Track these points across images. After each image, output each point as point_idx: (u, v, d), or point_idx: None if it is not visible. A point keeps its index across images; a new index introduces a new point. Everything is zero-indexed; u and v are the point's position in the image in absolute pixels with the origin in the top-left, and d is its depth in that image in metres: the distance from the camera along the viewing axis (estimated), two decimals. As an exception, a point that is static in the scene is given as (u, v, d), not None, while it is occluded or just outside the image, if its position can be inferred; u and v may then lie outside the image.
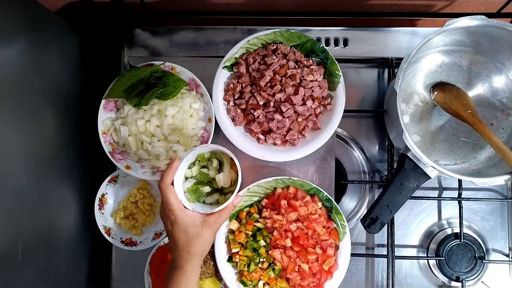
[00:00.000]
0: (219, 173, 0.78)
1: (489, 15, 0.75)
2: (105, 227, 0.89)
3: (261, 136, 0.84)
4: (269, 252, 0.78)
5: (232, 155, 0.75)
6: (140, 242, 0.88)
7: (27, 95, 0.72)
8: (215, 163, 0.80)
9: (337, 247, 0.80)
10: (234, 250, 0.80)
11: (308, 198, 0.80)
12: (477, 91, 0.87)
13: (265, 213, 0.80)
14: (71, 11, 0.94)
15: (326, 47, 0.84)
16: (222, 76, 0.85)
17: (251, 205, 0.82)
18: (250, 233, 0.80)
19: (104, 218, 0.90)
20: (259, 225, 0.80)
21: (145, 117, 0.84)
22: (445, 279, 0.90)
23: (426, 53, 0.86)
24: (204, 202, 0.80)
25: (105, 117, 0.86)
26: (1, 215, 0.64)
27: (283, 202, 0.78)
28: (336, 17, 0.98)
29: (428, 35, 0.75)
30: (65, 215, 0.85)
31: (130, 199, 0.89)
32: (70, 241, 0.86)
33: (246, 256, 0.79)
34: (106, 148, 0.85)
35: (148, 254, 0.87)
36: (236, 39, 0.87)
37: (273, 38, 0.84)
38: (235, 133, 0.83)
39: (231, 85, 0.84)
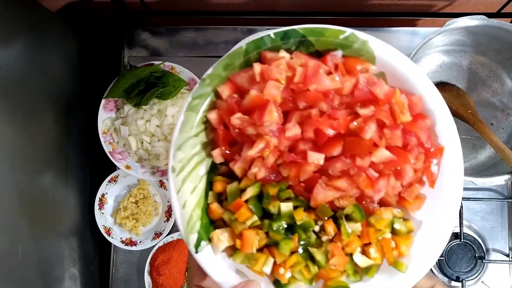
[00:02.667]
0: None
1: (489, 15, 0.75)
2: (105, 227, 0.89)
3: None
4: (312, 204, 0.39)
5: None
6: (140, 242, 0.88)
7: (27, 95, 0.72)
8: None
9: (382, 75, 0.42)
10: (267, 268, 0.39)
11: (258, 68, 0.39)
12: (477, 91, 0.87)
13: (237, 165, 0.40)
14: (71, 11, 0.94)
15: (326, 47, 0.83)
16: (222, 76, 0.84)
17: (210, 184, 0.42)
18: (255, 218, 0.39)
19: (104, 218, 0.90)
20: (251, 191, 0.39)
21: (145, 117, 0.84)
22: (445, 279, 0.90)
23: (426, 53, 0.86)
24: None
25: (105, 117, 0.86)
26: (1, 215, 0.64)
27: (237, 119, 0.39)
28: (336, 17, 0.97)
29: (428, 35, 0.75)
30: (65, 215, 0.85)
31: (130, 199, 0.89)
32: (70, 241, 0.86)
33: (292, 253, 0.39)
34: (106, 148, 0.85)
35: (148, 254, 0.87)
36: (236, 39, 0.87)
37: (273, 38, 0.84)
38: (235, 133, 0.82)
39: (231, 85, 0.84)
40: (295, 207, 0.39)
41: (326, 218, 0.39)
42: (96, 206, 0.89)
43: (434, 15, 0.95)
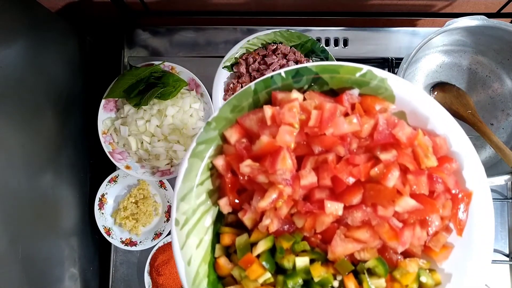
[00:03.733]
0: None
1: (489, 15, 0.75)
2: (105, 227, 0.89)
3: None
4: (330, 257, 0.35)
5: None
6: (140, 242, 0.88)
7: (27, 95, 0.72)
8: None
9: (402, 114, 0.38)
10: None
11: (269, 111, 0.35)
12: (477, 91, 0.87)
13: (247, 215, 0.37)
14: (71, 11, 0.94)
15: (326, 47, 0.84)
16: (222, 76, 0.85)
17: (217, 236, 0.39)
18: (268, 275, 0.35)
19: (104, 218, 0.90)
20: (262, 246, 0.36)
21: (145, 117, 0.84)
22: (445, 279, 0.90)
23: (426, 53, 0.86)
24: None
25: (105, 117, 0.86)
26: (1, 215, 0.64)
27: (246, 167, 0.34)
28: (336, 17, 0.97)
29: (428, 35, 0.75)
30: (65, 215, 0.85)
31: (130, 199, 0.89)
32: (70, 241, 0.86)
33: None
34: (106, 148, 0.85)
35: (148, 254, 0.87)
36: (236, 39, 0.87)
37: (273, 38, 0.84)
38: (235, 133, 0.83)
39: (231, 85, 0.84)
40: (311, 261, 0.34)
41: (346, 273, 0.34)
42: (96, 206, 0.89)
43: (434, 15, 0.95)
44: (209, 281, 0.35)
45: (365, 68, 0.35)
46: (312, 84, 0.36)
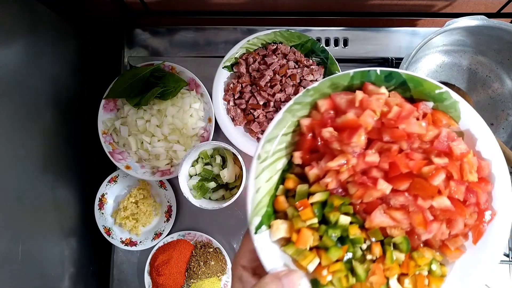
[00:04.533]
0: (223, 169, 0.81)
1: (489, 15, 0.75)
2: (105, 227, 0.89)
3: (261, 136, 0.84)
4: (367, 225, 0.42)
5: (235, 151, 0.76)
6: (140, 242, 0.88)
7: (27, 95, 0.72)
8: (218, 159, 0.82)
9: (462, 134, 0.44)
10: (311, 266, 0.42)
11: (360, 95, 0.42)
12: (477, 91, 0.87)
13: (313, 171, 0.43)
14: (71, 11, 0.94)
15: (326, 47, 0.84)
16: (222, 76, 0.85)
17: (282, 180, 0.46)
18: (315, 220, 0.42)
19: (104, 218, 0.90)
20: (319, 197, 0.43)
21: (145, 117, 0.84)
22: (445, 279, 0.90)
23: (426, 53, 0.86)
24: (210, 198, 0.82)
25: (105, 117, 0.86)
26: (1, 215, 0.64)
27: (328, 133, 0.42)
28: (336, 17, 0.98)
29: (428, 35, 0.75)
30: (65, 215, 0.85)
31: (130, 199, 0.89)
32: (70, 241, 0.86)
33: (337, 260, 0.42)
34: (106, 148, 0.85)
35: (148, 254, 0.87)
36: (236, 39, 0.87)
37: (273, 38, 0.84)
38: (235, 133, 0.83)
39: (231, 85, 0.84)
40: (351, 222, 0.42)
41: (375, 240, 0.42)
42: (96, 206, 0.89)
43: (434, 15, 0.95)
44: (267, 211, 0.43)
45: (444, 88, 0.42)
46: (398, 87, 0.43)
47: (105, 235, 0.88)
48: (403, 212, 0.41)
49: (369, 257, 0.42)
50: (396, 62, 0.91)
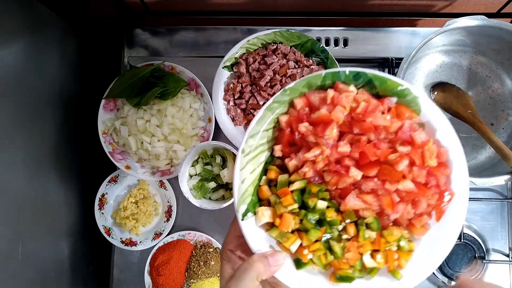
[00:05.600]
0: (223, 169, 0.81)
1: (489, 15, 0.75)
2: (105, 227, 0.89)
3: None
4: (342, 208, 0.48)
5: (235, 151, 0.76)
6: (140, 242, 0.88)
7: (27, 95, 0.72)
8: (218, 159, 0.82)
9: (422, 125, 0.49)
10: (294, 247, 0.48)
11: (331, 93, 0.48)
12: (477, 91, 0.87)
13: (292, 162, 0.49)
14: (71, 11, 0.94)
15: (326, 47, 0.84)
16: (222, 76, 0.85)
17: (265, 171, 0.51)
18: (296, 205, 0.48)
19: (104, 218, 0.90)
20: (298, 185, 0.48)
21: (145, 117, 0.84)
22: (445, 279, 0.90)
23: (426, 53, 0.86)
24: (210, 198, 0.82)
25: (105, 117, 0.86)
26: (1, 215, 0.64)
27: (304, 127, 0.48)
28: (336, 17, 0.98)
29: (428, 35, 0.75)
30: (65, 215, 0.85)
31: (130, 199, 0.89)
32: (70, 241, 0.86)
33: (316, 240, 0.48)
34: (106, 148, 0.85)
35: (148, 254, 0.87)
36: (236, 39, 0.87)
37: (273, 38, 0.84)
38: (235, 133, 0.83)
39: (231, 85, 0.84)
40: (327, 207, 0.48)
41: (349, 221, 0.48)
42: (96, 206, 0.89)
43: (434, 15, 0.95)
44: (252, 199, 0.49)
45: (406, 85, 0.47)
46: (365, 85, 0.49)
47: (105, 235, 0.88)
48: (373, 195, 0.47)
49: (344, 236, 0.48)
50: (396, 62, 0.91)
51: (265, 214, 0.48)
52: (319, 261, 0.48)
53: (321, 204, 0.47)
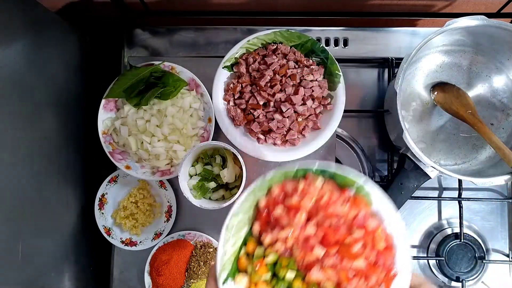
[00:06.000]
0: (223, 169, 0.81)
1: (489, 15, 0.75)
2: (105, 227, 0.89)
3: (261, 136, 0.84)
4: (307, 279, 0.57)
5: (235, 151, 0.76)
6: (140, 242, 0.88)
7: (27, 95, 0.72)
8: (218, 159, 0.82)
9: (373, 214, 0.60)
10: None
11: (302, 184, 0.58)
12: (477, 91, 0.87)
13: (267, 238, 0.58)
14: (71, 11, 0.94)
15: (326, 47, 0.84)
16: (222, 76, 0.85)
17: (244, 244, 0.60)
18: (269, 275, 0.57)
19: (104, 218, 0.90)
20: (271, 258, 0.57)
21: (145, 117, 0.84)
22: (445, 279, 0.90)
23: (426, 53, 0.86)
24: (210, 198, 0.82)
25: (105, 117, 0.86)
26: (1, 215, 0.64)
27: (279, 211, 0.57)
28: (336, 17, 0.98)
29: (428, 35, 0.75)
30: (65, 215, 0.85)
31: (130, 199, 0.89)
32: (70, 241, 0.86)
33: None
34: (106, 148, 0.85)
35: (148, 254, 0.87)
36: (236, 39, 0.87)
37: (273, 38, 0.84)
38: (235, 133, 0.83)
39: (231, 85, 0.84)
40: (295, 277, 0.56)
41: None
42: (96, 206, 0.89)
43: (434, 15, 0.95)
44: (232, 268, 0.56)
45: (360, 182, 0.58)
46: (330, 178, 0.59)
47: (105, 235, 0.88)
48: (333, 269, 0.55)
49: None
50: (396, 62, 0.91)
51: (243, 281, 0.57)
52: None
53: (290, 275, 0.56)
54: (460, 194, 0.89)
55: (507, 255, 0.91)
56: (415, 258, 0.91)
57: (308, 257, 0.56)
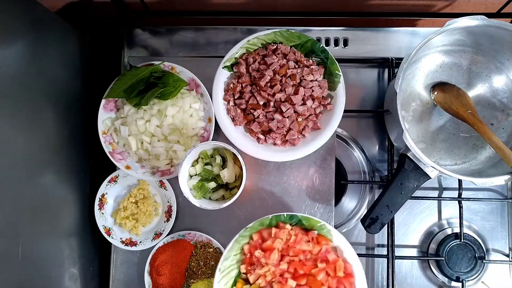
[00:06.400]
0: (223, 169, 0.81)
1: (489, 15, 0.75)
2: (105, 227, 0.89)
3: (261, 136, 0.84)
4: None
5: (235, 151, 0.76)
6: (140, 242, 0.88)
7: (27, 95, 0.72)
8: (218, 159, 0.82)
9: (334, 249, 0.75)
10: None
11: (274, 230, 0.74)
12: (477, 91, 0.87)
13: (251, 277, 0.73)
14: (71, 11, 0.94)
15: (326, 47, 0.84)
16: (222, 76, 0.85)
17: (234, 283, 0.75)
18: None
19: (104, 218, 0.90)
20: None
21: (145, 117, 0.84)
22: (445, 279, 0.90)
23: (426, 53, 0.86)
24: (210, 198, 0.82)
25: (105, 117, 0.86)
26: (1, 215, 0.64)
27: (258, 253, 0.73)
28: (336, 17, 0.98)
29: (428, 35, 0.75)
30: (65, 215, 0.85)
31: (130, 199, 0.89)
32: (70, 241, 0.86)
33: None
34: (106, 148, 0.85)
35: (148, 254, 0.87)
36: (236, 39, 0.87)
37: (273, 38, 0.84)
38: (235, 133, 0.83)
39: (231, 85, 0.84)
40: None
41: None
42: (96, 206, 0.89)
43: (434, 15, 0.95)
44: None
45: (322, 222, 0.74)
46: (298, 222, 0.76)
47: (105, 235, 0.88)
48: None
49: None
50: (396, 62, 0.91)
51: None
52: None
53: None
54: (460, 194, 0.89)
55: (507, 255, 0.91)
56: (415, 258, 0.92)
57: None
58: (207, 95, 0.84)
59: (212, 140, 0.84)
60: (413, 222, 0.93)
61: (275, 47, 0.84)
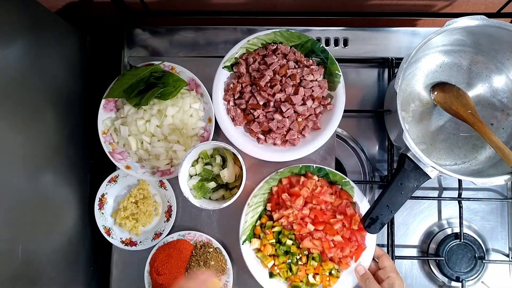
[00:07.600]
0: (223, 169, 0.81)
1: (489, 15, 0.75)
2: (105, 227, 0.89)
3: (261, 136, 0.84)
4: (300, 246, 0.82)
5: (235, 151, 0.76)
6: (140, 242, 0.88)
7: (27, 95, 0.72)
8: (218, 159, 0.82)
9: (353, 204, 0.84)
10: (269, 265, 0.82)
11: (303, 179, 0.82)
12: (477, 91, 0.87)
13: (275, 215, 0.82)
14: (71, 11, 0.94)
15: (326, 47, 0.84)
16: (222, 76, 0.85)
17: (259, 217, 0.85)
18: (274, 240, 0.82)
19: (104, 218, 0.90)
20: (277, 229, 0.82)
21: (145, 117, 0.84)
22: (445, 279, 0.90)
23: (426, 53, 0.86)
24: (210, 198, 0.82)
25: (105, 117, 0.86)
26: (1, 215, 0.64)
27: (285, 196, 0.81)
28: (336, 17, 0.98)
29: (428, 35, 0.75)
30: (65, 215, 0.85)
31: (130, 199, 0.89)
32: (70, 241, 0.86)
33: (283, 262, 0.82)
34: (106, 148, 0.85)
35: (148, 254, 0.87)
36: (236, 39, 0.87)
37: (273, 38, 0.84)
38: (235, 133, 0.83)
39: (231, 85, 0.84)
40: (292, 243, 0.82)
41: (304, 254, 0.82)
42: (96, 206, 0.89)
43: (434, 15, 0.95)
44: (249, 233, 0.84)
45: (347, 179, 0.83)
46: (324, 176, 0.84)
47: (105, 235, 0.88)
48: (319, 241, 0.81)
49: (300, 262, 0.82)
50: (396, 62, 0.91)
51: (256, 243, 0.83)
52: (283, 275, 0.83)
53: (289, 242, 0.82)
54: (460, 194, 0.89)
55: (507, 255, 0.91)
56: (415, 258, 0.92)
57: (302, 230, 0.81)
58: (207, 95, 0.84)
59: (212, 140, 0.84)
60: (413, 222, 0.93)
61: (275, 47, 0.84)
